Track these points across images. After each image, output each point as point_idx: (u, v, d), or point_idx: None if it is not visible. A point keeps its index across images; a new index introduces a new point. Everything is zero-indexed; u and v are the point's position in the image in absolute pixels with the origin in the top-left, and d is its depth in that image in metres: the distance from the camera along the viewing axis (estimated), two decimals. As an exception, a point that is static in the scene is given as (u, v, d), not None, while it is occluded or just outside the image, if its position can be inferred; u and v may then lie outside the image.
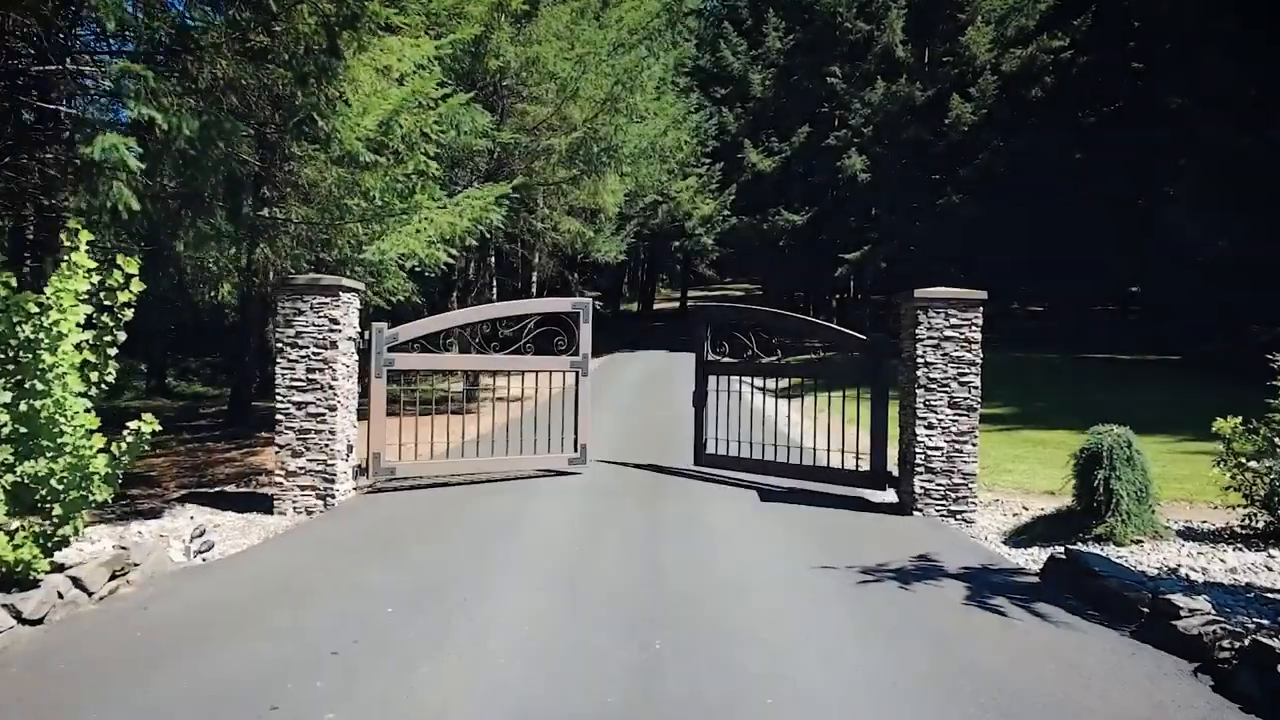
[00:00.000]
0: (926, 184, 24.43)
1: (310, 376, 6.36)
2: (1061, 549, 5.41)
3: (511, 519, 6.08)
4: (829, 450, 7.41)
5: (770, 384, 20.47)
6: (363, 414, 6.97)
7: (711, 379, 8.05)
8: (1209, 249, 20.77)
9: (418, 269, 10.24)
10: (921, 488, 6.29)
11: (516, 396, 13.87)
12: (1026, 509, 6.98)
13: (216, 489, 7.55)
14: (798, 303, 35.15)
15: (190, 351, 22.87)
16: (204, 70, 8.03)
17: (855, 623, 4.05)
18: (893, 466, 6.93)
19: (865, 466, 7.03)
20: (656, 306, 44.58)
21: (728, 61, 27.20)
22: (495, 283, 32.98)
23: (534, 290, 24.60)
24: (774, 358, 7.78)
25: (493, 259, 31.92)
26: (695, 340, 8.19)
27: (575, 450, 7.91)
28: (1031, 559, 5.41)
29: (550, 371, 7.81)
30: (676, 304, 44.57)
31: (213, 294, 8.50)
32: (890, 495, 6.90)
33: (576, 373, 7.93)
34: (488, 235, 14.07)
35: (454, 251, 7.85)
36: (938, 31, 25.67)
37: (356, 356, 6.79)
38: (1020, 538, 5.94)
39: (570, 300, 8.10)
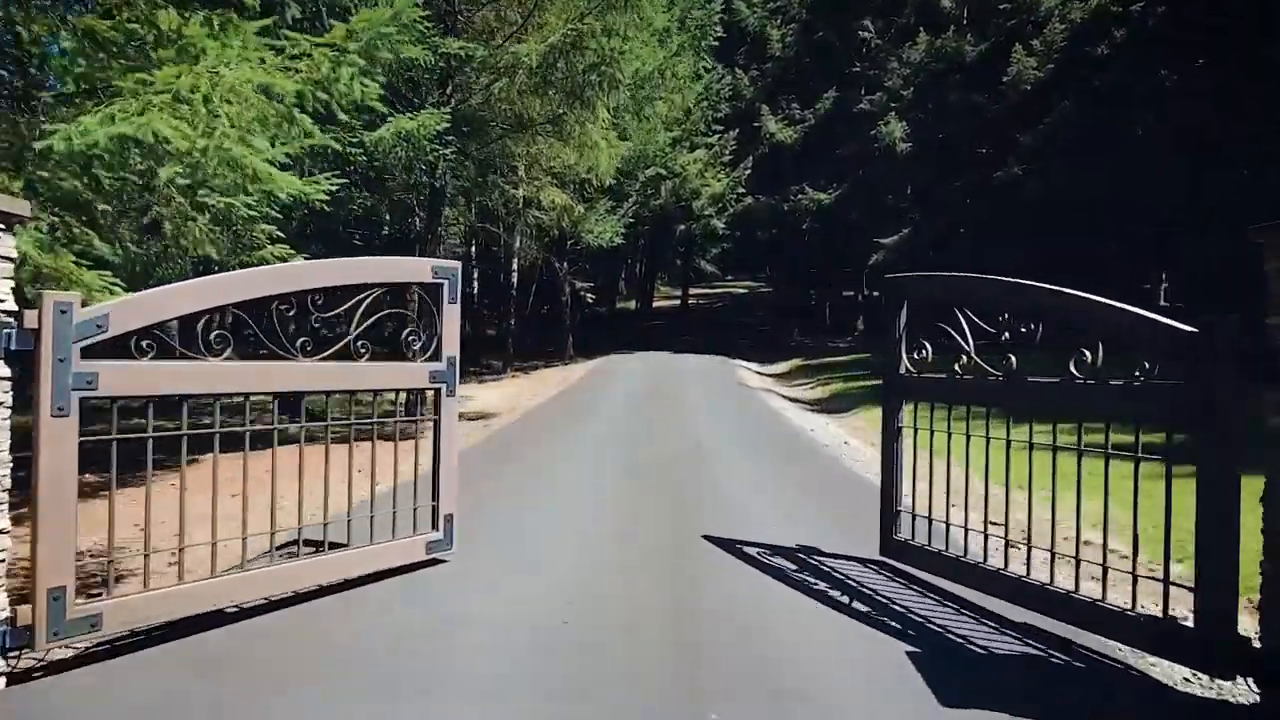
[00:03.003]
0: (979, 155, 20.65)
1: None
2: None
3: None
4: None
5: (788, 390, 16.71)
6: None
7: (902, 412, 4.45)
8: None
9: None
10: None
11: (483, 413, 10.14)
12: None
13: None
14: (810, 301, 31.38)
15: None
16: None
17: None
18: (1241, 619, 3.06)
19: (1175, 609, 3.16)
20: (656, 305, 40.73)
21: (742, 15, 23.40)
22: (475, 272, 29.15)
23: (514, 281, 20.77)
24: (999, 373, 3.80)
25: (473, 248, 28.04)
26: (887, 336, 4.42)
27: (435, 527, 4.35)
28: None
29: (395, 390, 4.30)
30: (677, 301, 40.72)
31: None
32: (1241, 689, 3.04)
33: (439, 390, 4.26)
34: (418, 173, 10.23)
35: (278, 158, 3.96)
36: (988, -21, 21.94)
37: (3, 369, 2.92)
38: None
39: (428, 263, 4.35)
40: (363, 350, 3.90)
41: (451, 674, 3.05)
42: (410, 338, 4.12)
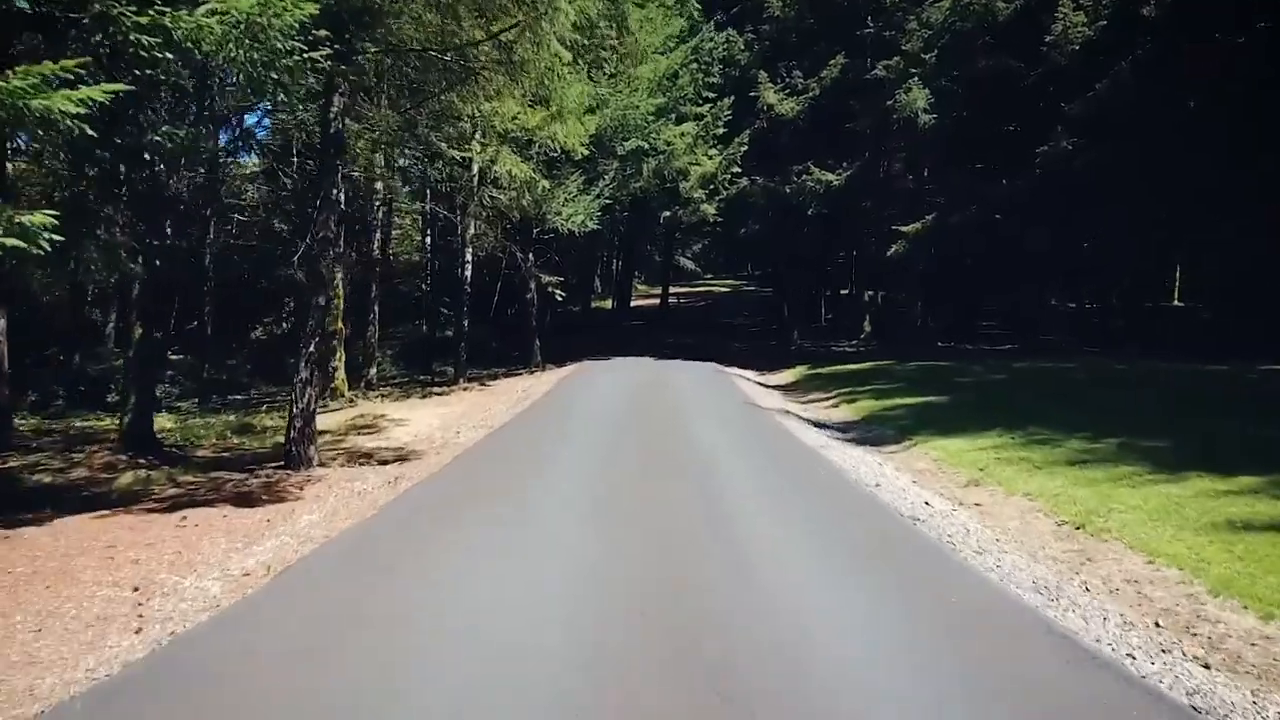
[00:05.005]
0: (1016, 128, 17.76)
1: None
2: None
3: None
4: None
5: (806, 409, 13.36)
6: None
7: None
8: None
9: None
10: None
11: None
12: None
13: None
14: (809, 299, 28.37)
15: None
16: None
17: None
18: None
19: None
20: (634, 304, 37.48)
21: (735, -31, 20.25)
22: (432, 264, 25.59)
23: (468, 274, 17.35)
24: None
25: (428, 238, 24.45)
26: None
27: None
28: None
29: None
30: (656, 300, 37.56)
31: None
32: None
33: None
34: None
35: None
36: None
37: None
38: None
39: None
40: None
41: None
42: None
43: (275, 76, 5.38)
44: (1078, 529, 5.91)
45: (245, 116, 15.69)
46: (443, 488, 6.62)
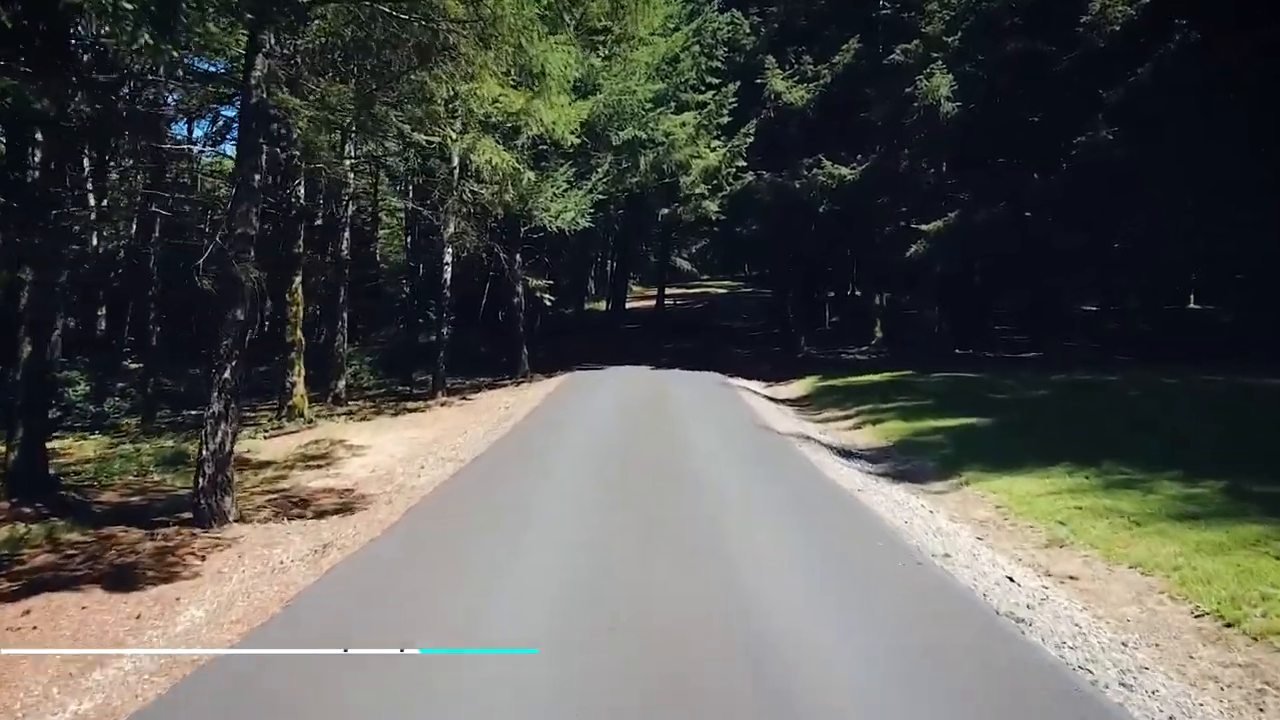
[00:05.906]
0: (1046, 118, 16.30)
1: None
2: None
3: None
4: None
5: (825, 432, 11.80)
6: None
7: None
8: None
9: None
10: None
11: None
12: None
13: None
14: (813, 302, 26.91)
15: None
16: None
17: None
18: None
19: None
20: (629, 306, 35.95)
21: (739, -54, 18.73)
22: (411, 265, 24.03)
23: (447, 276, 15.77)
24: None
25: (409, 238, 22.94)
26: None
27: None
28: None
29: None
30: (652, 301, 36.07)
31: None
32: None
33: None
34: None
35: None
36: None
37: None
38: None
39: None
40: None
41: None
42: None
43: (131, 7, 3.82)
44: (1228, 626, 4.41)
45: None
46: (378, 563, 5.05)
